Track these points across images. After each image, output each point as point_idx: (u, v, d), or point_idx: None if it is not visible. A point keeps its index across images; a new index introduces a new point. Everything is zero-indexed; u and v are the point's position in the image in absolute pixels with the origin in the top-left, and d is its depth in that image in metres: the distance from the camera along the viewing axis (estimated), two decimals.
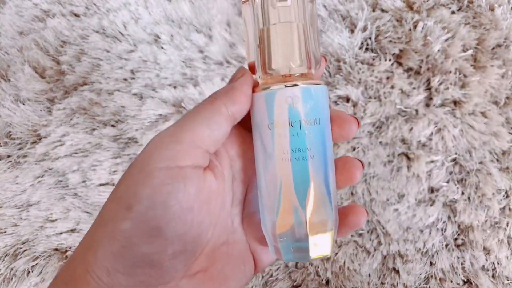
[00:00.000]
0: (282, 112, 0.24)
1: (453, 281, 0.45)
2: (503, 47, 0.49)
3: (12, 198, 0.51)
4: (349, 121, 0.26)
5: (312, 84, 0.24)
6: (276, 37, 0.25)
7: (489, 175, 0.46)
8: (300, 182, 0.24)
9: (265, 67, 0.25)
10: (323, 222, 0.24)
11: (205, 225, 0.24)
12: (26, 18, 0.60)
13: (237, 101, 0.24)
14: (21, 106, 0.54)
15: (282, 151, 0.24)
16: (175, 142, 0.22)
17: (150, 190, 0.21)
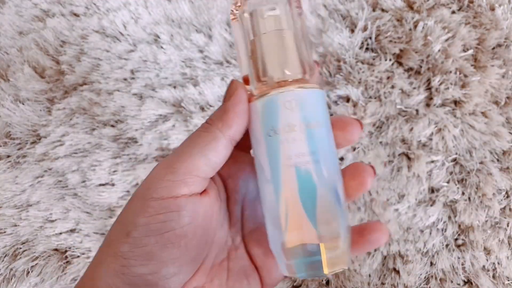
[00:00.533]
0: (279, 118, 0.23)
1: (453, 281, 0.45)
2: (503, 47, 0.49)
3: (11, 198, 0.51)
4: (351, 124, 0.26)
5: (309, 88, 0.24)
6: (267, 45, 0.25)
7: (489, 175, 0.46)
8: (306, 188, 0.23)
9: (259, 76, 0.25)
10: (335, 231, 0.23)
11: (201, 247, 0.25)
12: (25, 18, 0.59)
13: (232, 124, 0.24)
14: (21, 106, 0.54)
15: (285, 158, 0.23)
16: (171, 173, 0.23)
17: (146, 219, 0.22)
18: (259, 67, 0.25)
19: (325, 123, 0.24)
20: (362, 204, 0.47)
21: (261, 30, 0.25)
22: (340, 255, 0.23)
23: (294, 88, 0.24)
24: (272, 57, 0.25)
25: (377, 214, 0.47)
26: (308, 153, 0.23)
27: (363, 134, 0.48)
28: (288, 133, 0.23)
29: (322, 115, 0.24)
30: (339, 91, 0.49)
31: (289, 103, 0.23)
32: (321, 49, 0.51)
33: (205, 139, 0.24)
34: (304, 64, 0.26)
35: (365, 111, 0.48)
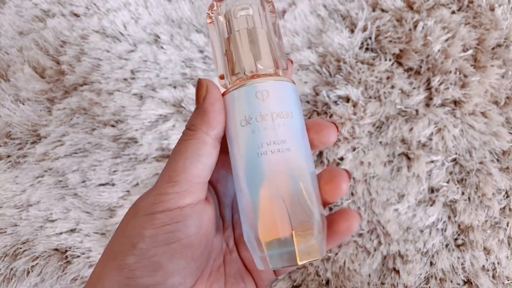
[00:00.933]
0: (253, 107, 0.24)
1: (453, 281, 0.45)
2: (503, 47, 0.49)
3: (12, 198, 0.51)
4: (326, 127, 0.26)
5: (281, 81, 0.25)
6: (240, 40, 0.26)
7: (489, 175, 0.46)
8: (279, 177, 0.23)
9: (233, 70, 0.26)
10: (308, 222, 0.23)
11: (204, 256, 0.25)
12: (26, 18, 0.60)
13: (215, 124, 0.24)
14: (21, 106, 0.54)
15: (258, 146, 0.23)
16: (173, 186, 0.23)
17: (153, 230, 0.23)
18: (233, 62, 0.26)
19: (296, 115, 0.25)
20: (362, 204, 0.47)
21: (235, 28, 0.26)
22: (313, 245, 0.23)
23: (267, 79, 0.24)
24: (245, 50, 0.26)
25: (377, 214, 0.47)
26: (280, 141, 0.23)
27: (363, 134, 0.48)
28: (260, 123, 0.24)
29: (293, 107, 0.25)
30: (339, 91, 0.49)
31: (261, 93, 0.24)
32: (321, 49, 0.51)
33: (195, 146, 0.24)
34: (276, 60, 0.27)
35: (365, 111, 0.48)
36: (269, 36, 0.27)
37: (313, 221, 0.23)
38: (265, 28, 0.27)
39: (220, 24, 0.28)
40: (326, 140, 0.26)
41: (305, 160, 0.24)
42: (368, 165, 0.47)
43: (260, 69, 0.25)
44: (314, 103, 0.51)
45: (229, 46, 0.26)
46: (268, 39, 0.27)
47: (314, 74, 0.51)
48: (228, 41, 0.27)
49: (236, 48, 0.26)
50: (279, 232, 0.23)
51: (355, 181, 0.47)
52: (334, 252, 0.46)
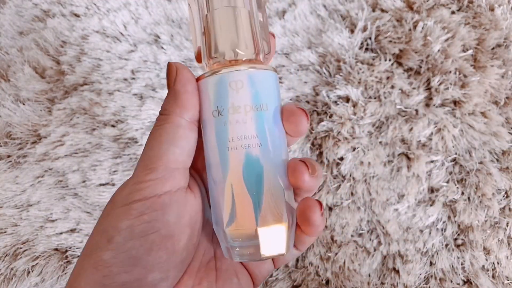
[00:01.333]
0: (226, 98, 0.23)
1: (453, 281, 0.45)
2: (503, 47, 0.49)
3: (12, 198, 0.51)
4: (295, 114, 0.24)
5: (259, 69, 0.23)
6: (219, 21, 0.24)
7: (489, 175, 0.46)
8: (248, 171, 0.22)
9: (211, 52, 0.24)
10: (275, 215, 0.22)
11: (189, 248, 0.23)
12: (26, 18, 0.60)
13: (189, 106, 0.23)
14: (21, 106, 0.54)
15: (228, 139, 0.22)
16: (150, 173, 0.22)
17: (129, 221, 0.21)
18: (211, 43, 0.24)
19: (273, 106, 0.24)
20: (362, 204, 0.47)
21: (215, 5, 0.24)
22: (279, 240, 0.23)
23: (244, 67, 0.23)
24: (224, 33, 0.24)
25: (377, 214, 0.47)
26: (252, 136, 0.22)
27: (363, 134, 0.48)
28: (232, 115, 0.22)
29: (271, 98, 0.24)
30: (339, 91, 0.49)
31: (236, 83, 0.23)
32: (321, 49, 0.52)
33: (170, 130, 0.22)
34: (258, 45, 0.25)
35: (365, 111, 0.48)
36: (251, 16, 0.25)
37: (281, 217, 0.23)
38: (247, 7, 0.25)
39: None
40: (296, 127, 0.24)
41: (277, 153, 0.23)
42: (368, 165, 0.47)
43: (239, 55, 0.24)
44: (314, 103, 0.51)
45: (207, 25, 0.24)
46: (250, 20, 0.24)
47: (314, 74, 0.51)
48: (206, 19, 0.24)
49: (214, 30, 0.24)
50: (245, 225, 0.22)
51: (355, 181, 0.47)
52: (334, 252, 0.46)
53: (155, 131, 0.23)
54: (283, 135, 0.24)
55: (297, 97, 0.51)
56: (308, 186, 0.23)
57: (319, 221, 0.23)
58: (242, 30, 0.24)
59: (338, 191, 0.47)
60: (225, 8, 0.24)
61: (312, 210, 0.23)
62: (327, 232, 0.47)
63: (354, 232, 0.47)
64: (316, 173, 0.23)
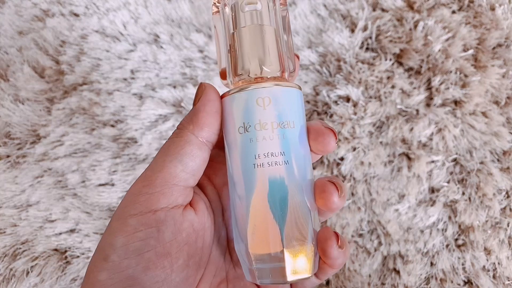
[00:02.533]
0: (252, 115, 0.22)
1: (453, 282, 0.45)
2: (503, 47, 0.49)
3: (11, 198, 0.51)
4: (323, 134, 0.24)
5: (285, 86, 0.23)
6: (246, 39, 0.24)
7: (489, 175, 0.46)
8: (274, 190, 0.22)
9: (236, 70, 0.24)
10: (301, 238, 0.22)
11: (192, 267, 0.22)
12: (25, 17, 0.59)
13: (204, 125, 0.23)
14: (20, 106, 0.54)
15: (254, 156, 0.22)
16: (148, 186, 0.21)
17: (124, 239, 0.20)
18: (236, 61, 0.24)
19: (299, 124, 0.23)
20: (362, 204, 0.47)
21: (241, 23, 0.24)
22: (304, 263, 0.22)
23: (269, 85, 0.23)
24: (250, 51, 0.24)
25: (377, 214, 0.47)
26: (278, 153, 0.22)
27: (363, 134, 0.48)
28: (259, 131, 0.22)
29: (297, 115, 0.23)
30: (339, 91, 0.49)
31: (262, 100, 0.22)
32: (321, 49, 0.51)
33: (178, 144, 0.22)
34: (283, 62, 0.25)
35: (365, 111, 0.48)
36: (277, 35, 0.25)
37: (306, 239, 0.22)
38: (273, 25, 0.25)
39: (226, 16, 0.26)
40: (323, 148, 0.24)
41: (303, 173, 0.23)
42: (368, 165, 0.47)
43: (264, 72, 0.24)
44: (314, 103, 0.51)
45: (234, 43, 0.24)
46: (276, 38, 0.25)
47: (314, 73, 0.51)
48: (232, 37, 0.25)
49: (240, 47, 0.24)
50: (270, 247, 0.21)
51: (355, 181, 0.47)
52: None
53: (165, 144, 0.23)
54: (308, 154, 0.24)
55: None
56: (336, 207, 0.23)
57: (336, 254, 0.22)
58: (268, 48, 0.24)
59: None
60: (251, 26, 0.24)
61: (328, 244, 0.22)
62: None
63: (354, 232, 0.47)
64: (343, 193, 0.23)
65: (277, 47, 0.24)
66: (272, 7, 0.25)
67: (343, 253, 0.22)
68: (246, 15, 0.24)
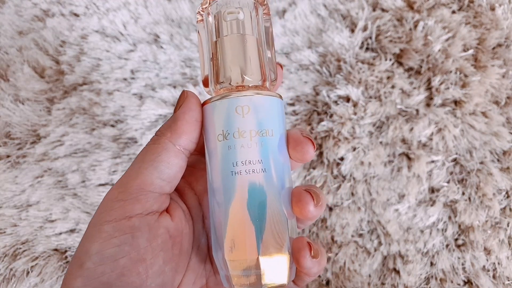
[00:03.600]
0: (232, 122, 0.23)
1: (453, 282, 0.45)
2: (504, 47, 0.49)
3: (11, 198, 0.51)
4: (301, 143, 0.24)
5: (265, 95, 0.23)
6: (228, 47, 0.24)
7: (489, 175, 0.46)
8: (253, 198, 0.22)
9: (218, 78, 0.24)
10: (277, 245, 0.22)
11: (168, 274, 0.22)
12: (25, 17, 0.59)
13: (182, 133, 0.23)
14: (20, 106, 0.54)
15: (232, 164, 0.22)
16: (123, 192, 0.21)
17: (99, 246, 0.20)
18: (218, 69, 0.25)
19: (278, 133, 0.23)
20: (362, 204, 0.47)
21: (223, 32, 0.25)
22: (280, 270, 0.22)
23: (250, 93, 0.23)
24: (231, 60, 0.24)
25: (377, 214, 0.47)
26: (256, 161, 0.22)
27: (363, 134, 0.48)
28: (237, 139, 0.22)
29: (276, 124, 0.24)
30: (339, 91, 0.49)
31: (241, 108, 0.23)
32: (321, 49, 0.51)
33: (155, 151, 0.22)
34: (264, 72, 0.25)
35: (365, 111, 0.48)
36: (259, 44, 0.25)
37: (282, 247, 0.22)
38: (255, 35, 0.25)
39: (209, 25, 0.26)
40: (302, 157, 0.24)
41: (281, 181, 0.23)
42: (368, 165, 0.47)
43: (246, 81, 0.24)
44: (314, 103, 0.51)
45: (216, 51, 0.25)
46: (258, 47, 0.25)
47: (314, 74, 0.51)
48: (215, 45, 0.25)
49: (222, 55, 0.24)
50: (247, 254, 0.22)
51: (355, 181, 0.47)
52: (334, 253, 0.46)
53: (142, 150, 0.23)
54: (288, 162, 0.24)
55: (297, 96, 0.51)
56: (312, 216, 0.23)
57: (309, 264, 0.22)
58: (249, 57, 0.24)
59: (338, 191, 0.47)
60: (233, 35, 0.24)
61: (301, 255, 0.22)
62: (327, 233, 0.47)
63: (354, 232, 0.47)
64: (320, 202, 0.23)
65: (258, 57, 0.25)
66: (254, 16, 0.26)
67: (317, 263, 0.22)
68: (228, 24, 0.25)
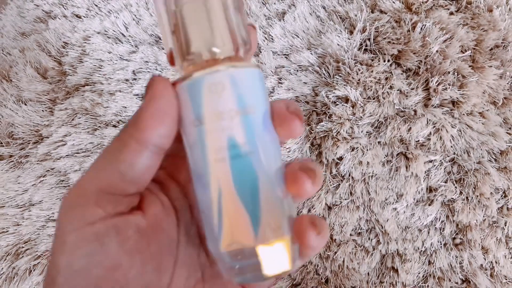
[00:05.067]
0: (206, 104, 0.20)
1: (451, 280, 0.45)
2: (501, 48, 0.50)
3: (14, 197, 0.51)
4: (287, 119, 0.21)
5: (241, 67, 0.20)
6: (190, 17, 0.21)
7: (487, 174, 0.46)
8: (242, 184, 0.20)
9: (183, 53, 0.21)
10: (275, 230, 0.20)
11: (150, 275, 0.20)
12: (28, 19, 0.60)
13: (146, 128, 0.19)
14: (23, 106, 0.55)
15: (214, 150, 0.20)
16: (80, 196, 0.19)
17: (67, 258, 0.18)
18: (182, 43, 0.21)
19: (262, 108, 0.21)
20: (361, 203, 0.47)
21: (183, 0, 0.21)
22: (282, 255, 0.20)
23: (223, 67, 0.20)
24: (196, 30, 0.21)
25: (376, 213, 0.47)
26: (239, 144, 0.20)
27: (361, 134, 0.48)
28: (215, 122, 0.20)
29: (258, 99, 0.21)
30: (338, 91, 0.49)
31: (215, 86, 0.20)
32: (320, 50, 0.52)
33: (117, 149, 0.19)
34: (236, 39, 0.21)
35: (364, 112, 0.48)
36: (226, 8, 0.21)
37: (281, 229, 0.20)
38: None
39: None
40: (288, 134, 0.21)
41: (270, 161, 0.21)
42: (366, 165, 0.48)
43: (216, 53, 0.20)
44: (314, 103, 0.51)
45: (177, 22, 0.21)
46: (225, 12, 0.21)
47: (313, 75, 0.52)
48: (175, 16, 0.21)
49: (185, 27, 0.21)
50: (243, 242, 0.20)
51: (354, 180, 0.48)
52: (333, 251, 0.47)
53: (105, 148, 0.20)
54: (276, 140, 0.21)
55: (297, 97, 0.51)
56: (310, 195, 0.21)
57: (315, 243, 0.20)
58: (216, 25, 0.21)
59: (337, 190, 0.48)
60: (194, 1, 0.21)
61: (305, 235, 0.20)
62: None
63: (353, 231, 0.47)
64: (317, 179, 0.21)
65: (227, 23, 0.21)
66: None
67: (322, 238, 0.20)
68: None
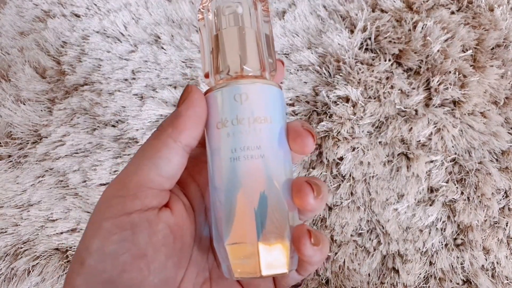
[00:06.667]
0: (229, 110, 0.23)
1: (452, 281, 0.45)
2: (502, 47, 0.50)
3: (12, 198, 0.51)
4: (301, 135, 0.23)
5: (263, 83, 0.24)
6: (227, 38, 0.25)
7: (488, 175, 0.46)
8: (249, 184, 0.22)
9: (217, 68, 0.25)
10: (278, 233, 0.22)
11: (170, 269, 0.22)
12: (26, 18, 0.60)
13: (183, 129, 0.22)
14: (22, 106, 0.54)
15: (230, 150, 0.22)
16: (121, 189, 0.21)
17: (99, 243, 0.20)
18: (218, 60, 0.25)
19: (277, 122, 0.24)
20: (361, 203, 0.47)
21: (223, 25, 0.26)
22: (280, 258, 0.22)
23: (248, 81, 0.24)
24: (230, 50, 0.25)
25: (377, 214, 0.47)
26: (254, 147, 0.22)
27: (362, 134, 0.48)
28: (235, 126, 0.23)
29: (274, 111, 0.24)
30: (338, 91, 0.49)
31: (240, 96, 0.23)
32: (321, 50, 0.52)
33: (155, 147, 0.22)
34: (263, 61, 0.26)
35: (365, 111, 0.48)
36: (258, 36, 0.26)
37: (283, 234, 0.22)
38: (254, 28, 0.26)
39: (209, 22, 0.27)
40: (301, 149, 0.24)
41: (280, 168, 0.23)
42: (367, 165, 0.47)
43: (244, 70, 0.25)
44: (314, 103, 0.51)
45: (215, 44, 0.26)
46: (257, 39, 0.26)
47: (314, 74, 0.51)
48: (215, 38, 0.26)
49: (221, 47, 0.25)
50: (246, 242, 0.22)
51: (354, 181, 0.48)
52: (333, 252, 0.46)
53: (143, 145, 0.23)
54: (288, 154, 0.24)
55: (297, 97, 0.51)
56: (312, 208, 0.22)
57: (310, 252, 0.21)
58: (247, 47, 0.25)
59: (338, 191, 0.47)
60: (232, 27, 0.25)
61: (302, 242, 0.21)
62: (327, 232, 0.47)
63: (353, 231, 0.47)
64: (321, 194, 0.22)
65: (257, 47, 0.26)
66: (254, 12, 0.27)
67: (319, 251, 0.22)
68: (227, 18, 0.26)
